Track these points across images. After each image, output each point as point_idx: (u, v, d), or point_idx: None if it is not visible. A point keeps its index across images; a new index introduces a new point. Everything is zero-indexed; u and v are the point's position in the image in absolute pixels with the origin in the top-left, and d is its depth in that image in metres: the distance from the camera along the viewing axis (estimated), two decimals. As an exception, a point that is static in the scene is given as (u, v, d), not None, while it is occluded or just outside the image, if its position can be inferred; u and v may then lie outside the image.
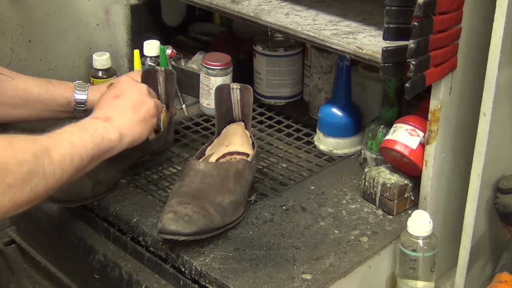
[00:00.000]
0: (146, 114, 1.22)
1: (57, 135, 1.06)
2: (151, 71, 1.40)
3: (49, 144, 1.02)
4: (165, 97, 1.43)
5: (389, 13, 1.01)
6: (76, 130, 1.09)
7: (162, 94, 1.42)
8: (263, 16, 1.32)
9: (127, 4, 1.69)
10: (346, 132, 1.40)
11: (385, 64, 1.05)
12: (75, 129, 1.09)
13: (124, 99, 1.21)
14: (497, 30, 0.98)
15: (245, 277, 1.07)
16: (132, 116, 1.19)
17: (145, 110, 1.22)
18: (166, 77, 1.40)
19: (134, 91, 1.23)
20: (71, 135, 1.07)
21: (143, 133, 1.20)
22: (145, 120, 1.21)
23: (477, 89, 1.06)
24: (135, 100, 1.22)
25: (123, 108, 1.19)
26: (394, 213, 1.23)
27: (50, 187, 1.01)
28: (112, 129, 1.14)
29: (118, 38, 1.71)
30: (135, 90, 1.24)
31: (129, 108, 1.20)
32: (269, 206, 1.25)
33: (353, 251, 1.14)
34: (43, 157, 0.99)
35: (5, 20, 1.49)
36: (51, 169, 1.00)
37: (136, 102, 1.21)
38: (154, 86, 1.41)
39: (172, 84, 1.41)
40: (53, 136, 1.05)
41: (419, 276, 1.14)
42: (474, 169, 1.08)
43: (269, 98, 1.63)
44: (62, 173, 1.02)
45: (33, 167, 0.97)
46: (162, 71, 1.40)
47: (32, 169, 0.97)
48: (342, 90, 1.39)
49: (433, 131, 1.14)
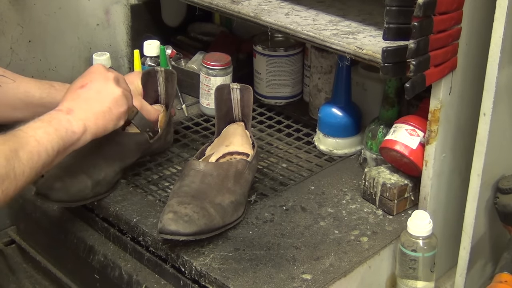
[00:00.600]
0: (111, 104, 1.18)
1: (22, 132, 1.05)
2: (151, 72, 1.40)
3: (16, 143, 1.02)
4: (165, 97, 1.42)
5: (389, 13, 1.01)
6: (40, 124, 1.08)
7: (162, 94, 1.42)
8: (263, 16, 1.32)
9: (127, 4, 1.69)
10: (346, 132, 1.40)
11: (385, 64, 1.05)
12: (39, 124, 1.08)
13: (90, 89, 1.18)
14: (497, 30, 0.98)
15: (245, 277, 1.07)
16: (95, 106, 1.16)
17: (110, 100, 1.18)
18: (166, 77, 1.41)
19: (100, 80, 1.20)
20: (36, 130, 1.06)
21: (108, 125, 1.18)
22: (110, 110, 1.18)
23: (477, 89, 1.06)
24: (100, 89, 1.19)
25: (87, 99, 1.17)
26: (394, 213, 1.23)
27: (20, 187, 1.02)
28: (75, 121, 1.13)
29: (118, 38, 1.71)
30: (101, 79, 1.20)
31: (93, 99, 1.17)
32: (269, 206, 1.25)
33: (353, 251, 1.14)
34: (13, 159, 1.00)
35: (5, 20, 1.49)
36: (21, 170, 1.01)
37: (101, 91, 1.18)
38: (155, 86, 1.41)
39: (173, 84, 1.41)
40: (19, 134, 1.05)
41: (419, 276, 1.14)
42: (474, 169, 1.08)
43: (269, 98, 1.62)
44: (30, 171, 1.03)
45: (4, 170, 0.98)
46: (162, 71, 1.40)
47: (4, 172, 0.98)
48: (342, 90, 1.39)
49: (433, 131, 1.14)
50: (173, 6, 1.76)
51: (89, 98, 1.17)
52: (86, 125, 1.14)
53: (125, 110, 1.21)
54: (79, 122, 1.13)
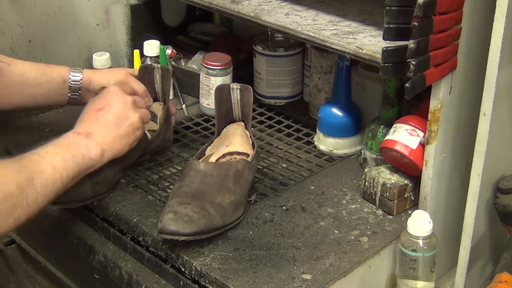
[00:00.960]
0: (128, 129, 1.20)
1: (40, 157, 1.05)
2: (148, 68, 1.41)
3: (32, 171, 1.02)
4: (162, 94, 1.43)
5: (389, 13, 1.01)
6: (58, 150, 1.09)
7: (159, 92, 1.43)
8: (263, 16, 1.32)
9: (127, 4, 1.69)
10: (346, 132, 1.40)
11: (385, 64, 1.05)
12: (57, 149, 1.09)
13: (108, 112, 1.19)
14: (497, 30, 0.98)
15: (245, 277, 1.07)
16: (114, 131, 1.18)
17: (128, 124, 1.20)
18: (162, 74, 1.41)
19: (118, 104, 1.21)
20: (54, 157, 1.07)
21: (124, 148, 1.20)
22: (127, 135, 1.20)
23: (477, 89, 1.06)
24: (119, 113, 1.20)
25: (106, 123, 1.18)
26: (394, 213, 1.23)
27: (32, 214, 1.02)
28: (93, 145, 1.14)
29: (118, 38, 1.71)
30: (119, 103, 1.21)
31: (112, 123, 1.18)
32: (269, 206, 1.25)
33: (353, 251, 1.14)
34: (27, 188, 1.00)
35: (5, 20, 1.49)
36: (34, 198, 1.02)
37: (119, 116, 1.20)
38: (151, 83, 1.41)
39: (168, 82, 1.42)
40: (36, 160, 1.05)
41: (419, 276, 1.14)
42: (474, 169, 1.08)
43: (269, 98, 1.62)
44: (43, 199, 1.04)
45: (17, 199, 0.99)
46: (159, 68, 1.41)
47: (17, 201, 0.99)
48: (342, 90, 1.39)
49: (433, 131, 1.14)
50: (173, 6, 1.76)
51: (108, 122, 1.18)
52: (104, 149, 1.15)
53: (142, 133, 1.24)
54: (97, 147, 1.14)
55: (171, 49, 1.65)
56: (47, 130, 1.46)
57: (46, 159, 1.06)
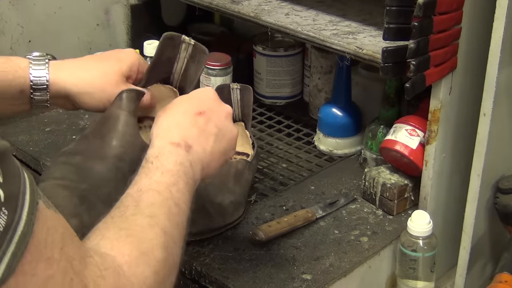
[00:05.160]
0: (228, 146, 0.94)
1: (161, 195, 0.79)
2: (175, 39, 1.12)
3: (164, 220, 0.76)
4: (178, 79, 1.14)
5: (389, 13, 1.01)
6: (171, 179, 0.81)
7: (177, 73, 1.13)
8: (263, 16, 1.32)
9: (127, 4, 1.69)
10: (346, 132, 1.40)
11: (385, 64, 1.05)
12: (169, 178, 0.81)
13: (209, 120, 0.92)
14: (497, 30, 0.98)
15: (245, 277, 1.07)
16: (213, 146, 0.91)
17: (227, 140, 0.94)
18: (193, 55, 1.13)
19: (221, 113, 0.94)
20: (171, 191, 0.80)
21: (217, 169, 0.94)
22: (225, 153, 0.94)
23: (477, 89, 1.06)
24: (220, 125, 0.93)
25: (207, 133, 0.91)
26: (394, 213, 1.23)
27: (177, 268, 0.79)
28: (195, 163, 0.87)
29: (118, 38, 1.71)
30: (220, 112, 0.95)
31: (212, 134, 0.91)
32: (269, 206, 1.25)
33: (353, 251, 1.14)
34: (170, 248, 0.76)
35: (5, 20, 1.49)
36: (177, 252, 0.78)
37: (221, 128, 0.93)
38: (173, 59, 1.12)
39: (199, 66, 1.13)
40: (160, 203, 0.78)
41: (419, 276, 1.14)
42: (474, 169, 1.08)
43: (269, 98, 1.62)
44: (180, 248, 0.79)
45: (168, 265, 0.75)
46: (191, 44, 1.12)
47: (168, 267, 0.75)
48: (342, 90, 1.39)
49: (433, 131, 1.14)
50: (173, 6, 1.76)
51: (209, 132, 0.91)
52: (203, 168, 0.89)
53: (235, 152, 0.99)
54: (198, 165, 0.88)
55: (171, 49, 1.65)
56: (47, 130, 1.46)
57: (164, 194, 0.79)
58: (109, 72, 1.06)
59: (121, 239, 0.71)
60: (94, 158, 0.98)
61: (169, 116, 0.91)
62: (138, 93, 1.04)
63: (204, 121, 0.91)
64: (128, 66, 1.09)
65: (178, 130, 0.88)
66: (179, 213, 0.79)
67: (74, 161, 0.98)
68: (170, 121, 0.90)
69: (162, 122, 0.90)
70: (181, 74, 1.13)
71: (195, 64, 1.12)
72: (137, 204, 0.77)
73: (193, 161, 0.86)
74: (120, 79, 1.06)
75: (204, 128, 0.91)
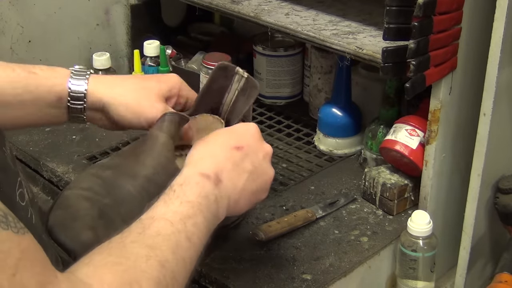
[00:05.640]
0: (260, 187, 0.90)
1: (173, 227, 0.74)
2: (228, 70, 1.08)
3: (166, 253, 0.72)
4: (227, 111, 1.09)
5: (389, 13, 1.01)
6: (189, 211, 0.77)
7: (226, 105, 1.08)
8: (263, 16, 1.32)
9: (127, 4, 1.69)
10: (346, 132, 1.40)
11: (385, 64, 1.05)
12: (187, 208, 0.77)
13: (247, 156, 0.88)
14: (497, 30, 0.98)
15: (245, 277, 1.07)
16: (246, 183, 0.87)
17: (261, 181, 0.89)
18: (244, 88, 1.08)
19: (259, 152, 0.90)
20: (186, 223, 0.76)
21: (245, 209, 0.90)
22: (257, 194, 0.89)
23: (477, 89, 1.06)
24: (256, 164, 0.89)
25: (241, 170, 0.86)
26: (394, 213, 1.23)
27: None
28: (222, 199, 0.83)
29: (118, 38, 1.71)
30: (261, 151, 0.90)
31: (247, 172, 0.87)
32: (269, 206, 1.25)
33: (353, 251, 1.14)
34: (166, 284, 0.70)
35: (5, 20, 1.49)
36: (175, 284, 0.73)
37: (257, 167, 0.89)
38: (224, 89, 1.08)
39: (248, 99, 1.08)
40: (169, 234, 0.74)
41: (419, 276, 1.14)
42: (474, 169, 1.08)
43: (269, 98, 1.62)
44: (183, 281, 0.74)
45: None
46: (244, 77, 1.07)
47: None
48: (342, 90, 1.39)
49: (433, 131, 1.14)
50: (173, 6, 1.76)
51: (243, 169, 0.87)
52: (229, 204, 0.84)
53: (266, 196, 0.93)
54: (224, 201, 0.83)
55: (171, 49, 1.65)
56: (47, 130, 1.46)
57: (177, 226, 0.75)
58: (147, 88, 1.04)
59: (106, 266, 0.67)
60: (124, 174, 0.95)
61: (205, 146, 0.88)
62: (182, 117, 1.00)
63: (241, 157, 0.87)
64: (168, 87, 1.06)
65: (211, 162, 0.85)
66: (189, 248, 0.75)
67: (104, 174, 0.95)
68: (205, 151, 0.87)
69: (197, 151, 0.87)
70: (230, 106, 1.09)
71: (245, 98, 1.08)
72: (143, 232, 0.73)
73: (220, 196, 0.82)
74: (158, 97, 1.03)
75: (239, 163, 0.86)
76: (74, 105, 1.00)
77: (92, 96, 1.00)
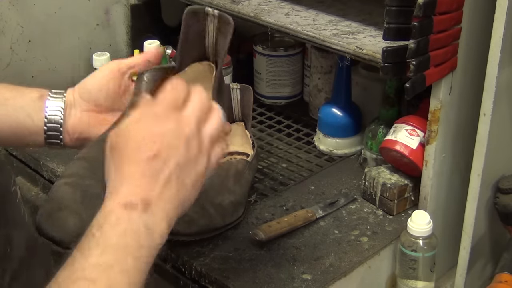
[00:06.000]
0: (195, 182, 0.75)
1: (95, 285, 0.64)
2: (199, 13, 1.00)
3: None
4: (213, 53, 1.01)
5: (389, 13, 1.01)
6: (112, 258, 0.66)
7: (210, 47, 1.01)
8: (263, 16, 1.32)
9: (127, 4, 1.69)
10: (346, 132, 1.40)
11: (385, 64, 1.05)
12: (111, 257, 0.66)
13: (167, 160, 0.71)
14: (497, 30, 0.98)
15: (245, 277, 1.07)
16: (180, 188, 0.73)
17: (194, 175, 0.75)
18: (219, 27, 0.99)
19: (181, 148, 0.72)
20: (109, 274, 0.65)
21: (192, 201, 0.77)
22: (192, 190, 0.75)
23: (477, 89, 1.06)
24: (183, 161, 0.73)
25: (168, 178, 0.71)
26: (394, 213, 1.23)
27: None
28: (157, 223, 0.70)
29: (118, 38, 1.71)
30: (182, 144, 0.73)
31: (173, 180, 0.72)
32: (269, 206, 1.25)
33: (353, 251, 1.14)
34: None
35: (5, 20, 1.49)
36: None
37: (182, 167, 0.73)
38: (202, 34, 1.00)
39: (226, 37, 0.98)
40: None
41: (419, 276, 1.14)
42: (474, 169, 1.08)
43: (269, 98, 1.62)
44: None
45: None
46: (216, 16, 0.99)
47: None
48: (342, 90, 1.39)
49: (433, 131, 1.14)
50: (173, 6, 1.76)
51: (170, 175, 0.71)
52: (170, 220, 0.72)
53: None
54: (161, 223, 0.70)
55: (171, 49, 1.65)
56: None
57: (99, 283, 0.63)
58: None
59: None
60: None
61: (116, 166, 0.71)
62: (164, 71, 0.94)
63: (160, 165, 0.70)
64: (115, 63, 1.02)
65: (128, 186, 0.69)
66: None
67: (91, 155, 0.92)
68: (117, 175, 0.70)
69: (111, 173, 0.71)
70: (214, 48, 1.01)
71: (223, 37, 0.99)
72: None
73: (154, 221, 0.69)
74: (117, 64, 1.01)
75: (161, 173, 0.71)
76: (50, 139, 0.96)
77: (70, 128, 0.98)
